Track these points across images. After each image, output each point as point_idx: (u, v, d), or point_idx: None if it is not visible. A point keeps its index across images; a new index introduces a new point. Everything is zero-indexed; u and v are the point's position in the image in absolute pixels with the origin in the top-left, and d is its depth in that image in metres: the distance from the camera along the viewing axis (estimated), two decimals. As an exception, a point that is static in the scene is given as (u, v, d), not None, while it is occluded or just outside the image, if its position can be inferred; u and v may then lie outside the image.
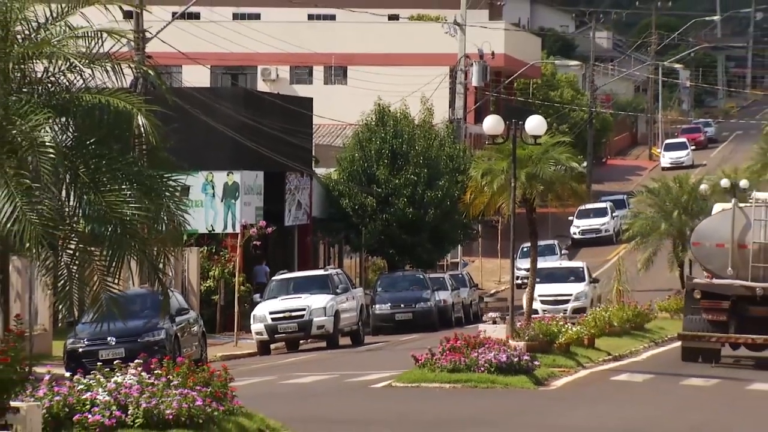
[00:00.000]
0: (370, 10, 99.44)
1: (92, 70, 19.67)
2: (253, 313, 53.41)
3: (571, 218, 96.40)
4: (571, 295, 64.14)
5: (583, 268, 68.10)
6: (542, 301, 60.05)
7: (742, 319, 43.25)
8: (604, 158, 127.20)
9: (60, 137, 19.23)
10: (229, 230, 62.23)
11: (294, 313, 52.51)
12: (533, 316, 49.81)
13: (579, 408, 31.29)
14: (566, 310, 60.80)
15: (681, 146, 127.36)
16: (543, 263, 66.51)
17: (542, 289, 58.97)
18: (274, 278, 56.97)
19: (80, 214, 19.41)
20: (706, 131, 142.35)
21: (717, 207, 48.68)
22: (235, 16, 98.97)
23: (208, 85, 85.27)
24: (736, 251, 43.50)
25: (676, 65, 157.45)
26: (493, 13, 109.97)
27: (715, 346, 43.61)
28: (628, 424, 27.63)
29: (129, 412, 21.90)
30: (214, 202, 63.49)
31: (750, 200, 46.26)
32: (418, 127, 75.12)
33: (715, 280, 44.08)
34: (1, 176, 18.39)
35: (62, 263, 19.71)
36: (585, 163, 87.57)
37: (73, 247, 19.57)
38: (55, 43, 19.49)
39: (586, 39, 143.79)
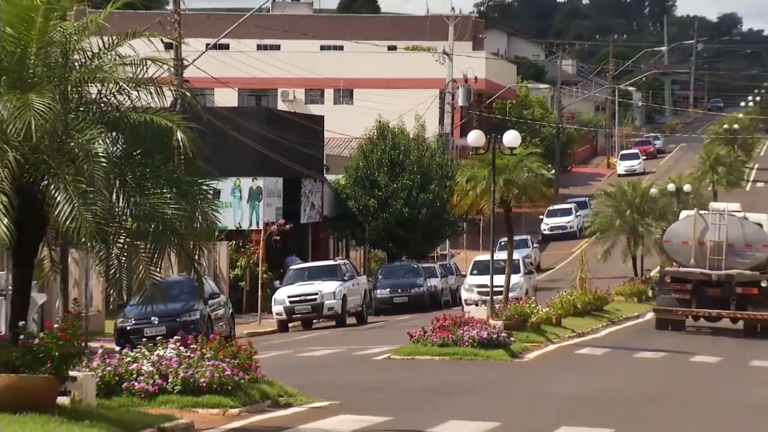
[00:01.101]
0: (372, 42, 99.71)
1: (138, 92, 19.58)
2: (274, 297, 53.45)
3: (541, 217, 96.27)
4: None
5: (518, 260, 59.03)
6: (479, 292, 54.13)
7: (701, 298, 48.10)
8: (569, 166, 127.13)
9: (111, 149, 19.13)
10: (254, 227, 62.24)
11: (308, 297, 52.57)
12: (467, 306, 50.52)
13: (548, 377, 31.21)
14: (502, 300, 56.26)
15: (634, 156, 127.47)
16: (481, 257, 62.33)
17: (479, 280, 54.92)
18: (291, 267, 57.06)
19: (128, 214, 19.31)
20: (655, 144, 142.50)
21: (683, 214, 53.67)
22: (259, 47, 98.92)
23: (236, 105, 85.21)
24: (697, 247, 48.32)
25: (630, 88, 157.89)
26: (475, 44, 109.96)
27: (680, 318, 48.80)
28: (590, 391, 27.52)
29: (169, 381, 21.85)
30: (241, 203, 63.49)
31: (708, 209, 51.29)
32: (412, 141, 75.20)
33: (681, 269, 48.99)
34: (61, 182, 18.31)
35: (113, 255, 19.62)
36: (553, 171, 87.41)
37: (122, 241, 19.47)
38: (107, 69, 19.41)
39: (554, 66, 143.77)
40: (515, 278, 53.83)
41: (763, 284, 47.99)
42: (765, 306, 47.77)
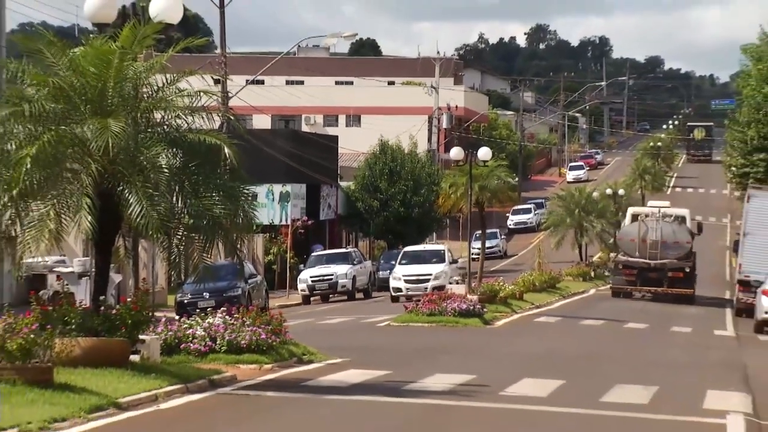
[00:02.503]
0: (375, 78, 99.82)
1: (193, 117, 19.56)
2: (299, 277, 53.54)
3: (507, 214, 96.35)
4: (430, 274, 49.82)
5: (444, 250, 53.92)
6: (405, 280, 49.62)
7: (644, 279, 52.42)
8: (529, 175, 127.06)
9: (172, 161, 19.10)
10: (283, 223, 62.30)
11: (326, 277, 52.63)
12: (394, 294, 48.80)
13: (513, 339, 31.24)
14: (426, 288, 47.50)
15: (580, 167, 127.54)
16: (410, 248, 56.85)
17: (406, 269, 50.36)
18: (312, 254, 57.17)
19: (185, 212, 19.29)
20: (596, 157, 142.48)
21: (631, 213, 57.09)
22: (287, 82, 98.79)
23: (269, 128, 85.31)
24: (639, 243, 52.27)
25: (577, 114, 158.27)
26: (456, 80, 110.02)
27: (628, 291, 53.56)
28: (546, 351, 27.56)
29: (217, 343, 21.86)
30: (273, 204, 63.54)
31: (649, 208, 55.98)
32: (407, 155, 75.24)
33: (629, 258, 52.65)
34: (133, 187, 18.30)
35: (173, 244, 19.61)
36: (516, 179, 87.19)
37: (180, 233, 19.46)
38: (169, 99, 19.40)
39: (517, 97, 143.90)
40: (440, 267, 50.45)
41: (686, 270, 52.57)
42: (687, 285, 52.46)
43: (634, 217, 54.67)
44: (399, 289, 48.90)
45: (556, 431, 15.28)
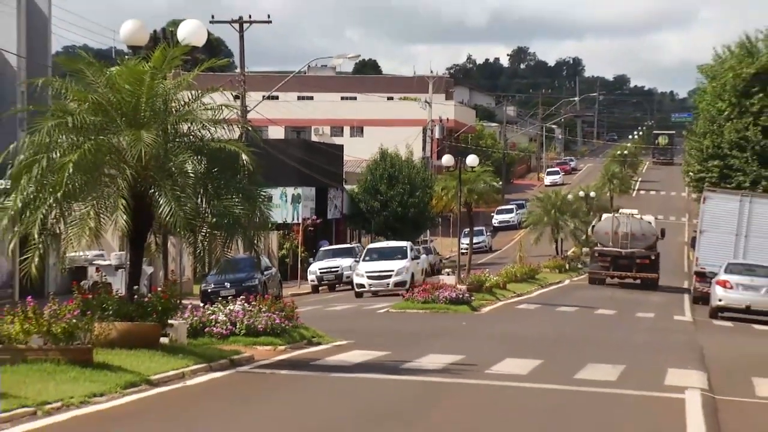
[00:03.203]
0: (376, 94, 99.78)
1: (215, 128, 19.54)
2: (309, 269, 53.45)
3: (492, 214, 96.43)
4: (392, 270, 44.72)
5: (407, 247, 48.34)
6: (368, 276, 44.74)
7: (616, 266, 54.83)
8: (511, 179, 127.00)
9: (197, 167, 19.08)
10: (295, 221, 62.27)
11: (333, 269, 52.51)
12: (357, 291, 44.78)
13: (498, 324, 31.24)
14: (389, 284, 44.27)
15: (556, 173, 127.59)
16: (373, 245, 52.86)
17: (369, 266, 45.31)
18: (320, 249, 57.12)
19: (208, 212, 19.27)
20: (570, 164, 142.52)
21: (605, 216, 59.71)
22: (299, 98, 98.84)
23: (283, 138, 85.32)
24: (613, 236, 54.98)
25: (553, 126, 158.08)
26: (447, 96, 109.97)
27: (603, 276, 55.61)
28: (526, 333, 27.57)
29: (237, 327, 21.83)
30: (286, 205, 63.49)
31: (619, 213, 58.45)
32: (404, 162, 75.25)
33: (604, 248, 55.39)
34: (163, 190, 18.28)
35: (198, 240, 19.58)
36: (500, 182, 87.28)
37: (204, 231, 19.43)
38: (194, 113, 19.39)
39: (501, 111, 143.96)
40: (402, 263, 45.18)
41: (652, 257, 55.25)
42: (652, 270, 55.14)
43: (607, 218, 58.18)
44: (362, 285, 44.75)
45: (535, 405, 15.28)
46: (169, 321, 19.18)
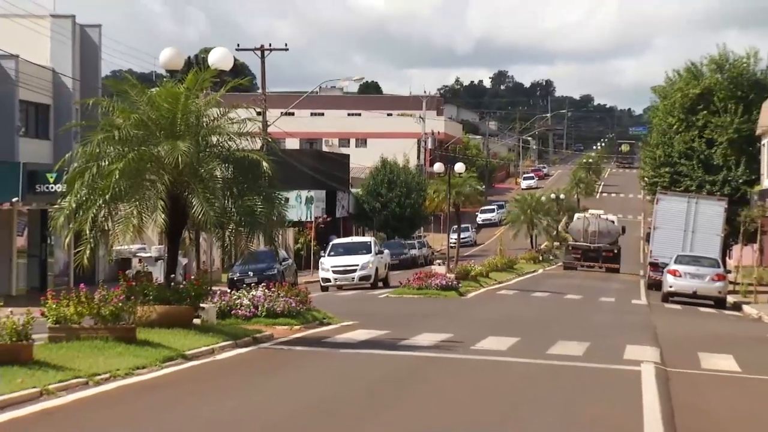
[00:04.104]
0: (378, 111, 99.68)
1: (240, 140, 19.53)
2: (320, 261, 53.10)
3: (477, 213, 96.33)
4: (357, 265, 40.05)
5: (371, 242, 43.67)
6: (333, 271, 40.21)
7: (586, 257, 57.28)
8: (493, 184, 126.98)
9: (224, 173, 19.10)
10: (308, 220, 62.09)
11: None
12: (323, 285, 39.96)
13: (482, 307, 31.24)
14: (353, 278, 39.98)
15: (531, 178, 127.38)
16: (339, 240, 46.78)
17: (334, 261, 40.71)
18: (330, 243, 56.83)
19: (234, 212, 19.25)
20: (543, 171, 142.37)
21: (577, 216, 62.08)
22: (312, 114, 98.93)
23: (298, 148, 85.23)
24: (583, 233, 57.43)
25: (529, 138, 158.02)
26: (438, 112, 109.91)
27: (575, 265, 57.46)
28: (505, 315, 27.56)
29: (258, 309, 21.82)
30: (301, 205, 63.30)
31: (589, 213, 60.53)
32: (401, 168, 75.33)
33: (577, 243, 57.86)
34: (195, 193, 18.28)
35: (226, 235, 19.58)
36: (483, 186, 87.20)
37: (230, 227, 19.42)
38: (222, 127, 19.39)
39: (484, 125, 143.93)
40: (366, 258, 40.65)
41: (615, 251, 57.62)
42: (615, 261, 57.55)
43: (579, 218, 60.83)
44: (327, 279, 40.11)
45: (513, 376, 15.27)
46: (201, 304, 19.17)
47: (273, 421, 10.84)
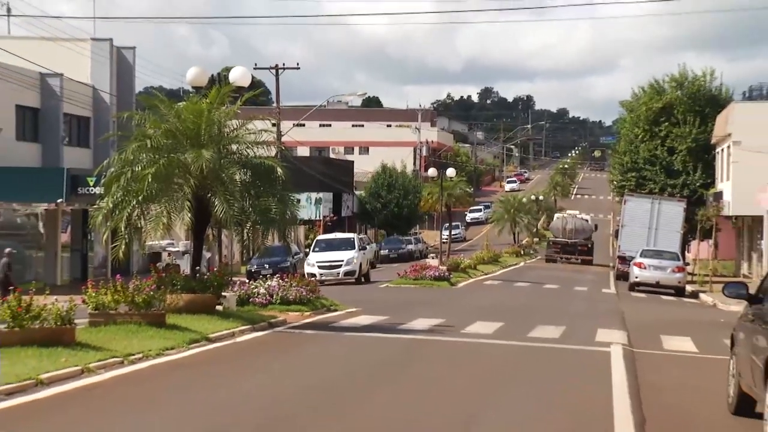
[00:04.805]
0: (378, 122, 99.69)
1: (257, 148, 19.57)
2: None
3: (466, 212, 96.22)
4: (342, 260, 37.14)
5: (353, 238, 39.78)
6: (319, 266, 37.15)
7: (564, 251, 58.41)
8: (480, 186, 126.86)
9: (243, 177, 19.12)
10: (318, 219, 62.15)
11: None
12: (311, 279, 34.59)
13: (470, 295, 31.24)
14: (338, 273, 36.99)
15: (514, 181, 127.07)
16: (322, 236, 42.46)
17: (319, 256, 37.83)
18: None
19: (251, 211, 19.29)
20: (525, 175, 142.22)
21: (557, 215, 63.85)
22: (320, 125, 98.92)
23: (308, 155, 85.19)
24: (562, 230, 58.96)
25: (512, 146, 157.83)
26: (432, 124, 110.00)
27: (555, 258, 58.18)
28: (491, 303, 27.56)
29: (273, 297, 21.84)
30: (311, 206, 63.12)
31: (567, 213, 61.77)
32: (400, 173, 75.31)
33: (556, 239, 59.19)
34: (218, 194, 18.33)
35: (244, 232, 19.63)
36: (472, 189, 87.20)
37: (248, 225, 19.46)
38: (241, 136, 19.42)
39: (472, 135, 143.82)
40: (350, 254, 37.53)
41: (589, 246, 58.65)
42: (589, 255, 58.34)
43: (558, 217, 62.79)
44: (313, 275, 35.89)
45: (498, 356, 15.28)
46: (223, 293, 19.21)
47: (286, 394, 10.87)
